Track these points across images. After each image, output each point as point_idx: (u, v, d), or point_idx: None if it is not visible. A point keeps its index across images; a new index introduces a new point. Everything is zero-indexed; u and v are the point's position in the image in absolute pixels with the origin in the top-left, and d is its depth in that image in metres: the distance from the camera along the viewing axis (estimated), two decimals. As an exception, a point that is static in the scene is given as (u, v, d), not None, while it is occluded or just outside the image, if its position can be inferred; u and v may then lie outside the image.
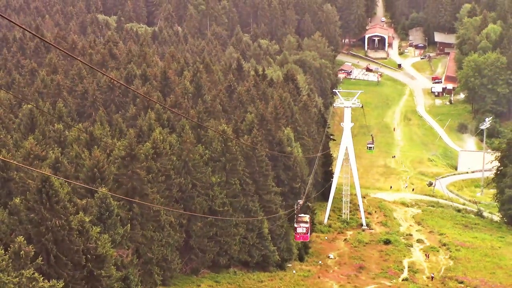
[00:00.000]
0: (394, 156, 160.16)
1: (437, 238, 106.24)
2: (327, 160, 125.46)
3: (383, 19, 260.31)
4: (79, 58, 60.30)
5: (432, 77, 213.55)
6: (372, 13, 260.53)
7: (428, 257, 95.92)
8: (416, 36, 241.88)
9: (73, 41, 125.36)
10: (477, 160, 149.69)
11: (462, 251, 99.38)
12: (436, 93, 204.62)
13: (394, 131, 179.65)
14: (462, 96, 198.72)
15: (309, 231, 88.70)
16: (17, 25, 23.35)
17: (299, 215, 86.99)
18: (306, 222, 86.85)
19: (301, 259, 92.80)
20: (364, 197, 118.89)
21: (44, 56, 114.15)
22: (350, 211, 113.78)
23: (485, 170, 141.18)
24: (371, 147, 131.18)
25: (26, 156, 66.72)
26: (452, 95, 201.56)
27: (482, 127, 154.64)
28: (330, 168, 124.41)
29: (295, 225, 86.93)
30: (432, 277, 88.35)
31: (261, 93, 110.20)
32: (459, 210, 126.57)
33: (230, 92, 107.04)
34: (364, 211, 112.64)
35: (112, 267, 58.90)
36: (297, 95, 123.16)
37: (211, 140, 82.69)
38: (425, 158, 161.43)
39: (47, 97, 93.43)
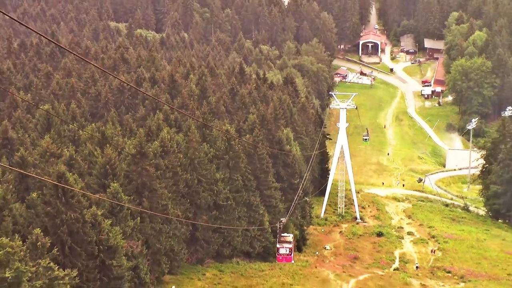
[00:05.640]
0: (389, 154, 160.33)
1: (426, 231, 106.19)
2: (324, 158, 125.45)
3: (376, 26, 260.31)
4: (92, 62, 60.23)
5: (422, 81, 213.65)
6: (366, 21, 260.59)
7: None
8: (407, 42, 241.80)
9: (86, 47, 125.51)
10: (464, 158, 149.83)
11: (450, 243, 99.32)
12: (426, 96, 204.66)
13: (386, 129, 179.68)
14: (450, 98, 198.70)
15: (293, 251, 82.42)
16: (37, 32, 23.47)
17: (282, 234, 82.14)
18: (289, 242, 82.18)
19: (299, 250, 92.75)
20: (358, 193, 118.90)
21: (59, 60, 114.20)
22: (345, 206, 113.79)
23: (471, 168, 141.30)
24: (366, 139, 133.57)
25: (42, 154, 66.86)
26: (441, 97, 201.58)
27: (468, 127, 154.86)
28: (327, 165, 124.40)
29: (278, 245, 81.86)
30: (417, 267, 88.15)
31: (262, 95, 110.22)
32: (447, 205, 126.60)
33: (233, 94, 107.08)
34: (358, 206, 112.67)
35: (123, 257, 59.04)
36: (295, 97, 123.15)
37: (216, 139, 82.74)
38: (415, 156, 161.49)
39: (62, 99, 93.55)
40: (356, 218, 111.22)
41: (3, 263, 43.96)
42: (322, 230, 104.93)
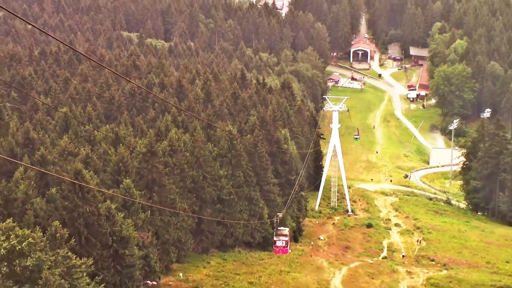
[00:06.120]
0: (377, 152, 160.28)
1: (412, 223, 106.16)
2: (318, 156, 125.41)
3: (366, 35, 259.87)
4: (107, 67, 59.96)
5: (408, 85, 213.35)
6: (357, 31, 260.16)
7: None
8: (394, 50, 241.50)
9: (101, 55, 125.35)
10: (446, 156, 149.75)
11: (433, 234, 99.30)
12: (411, 99, 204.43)
13: (375, 129, 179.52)
14: (433, 101, 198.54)
15: (289, 244, 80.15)
16: (57, 39, 23.45)
17: (279, 228, 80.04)
18: (285, 236, 79.67)
19: (296, 240, 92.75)
20: (349, 188, 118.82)
21: (77, 67, 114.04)
22: (338, 199, 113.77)
23: (453, 165, 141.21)
24: (357, 138, 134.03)
25: (61, 153, 66.83)
26: (425, 100, 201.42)
27: (450, 128, 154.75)
28: (321, 163, 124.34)
29: (275, 238, 79.41)
30: (403, 256, 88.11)
31: (262, 99, 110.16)
32: (430, 199, 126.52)
33: (235, 98, 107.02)
34: (350, 199, 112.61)
35: (135, 247, 59.03)
36: (292, 100, 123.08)
37: (219, 138, 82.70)
38: (402, 154, 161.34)
39: (79, 102, 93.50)
40: (347, 211, 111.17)
41: (25, 252, 43.97)
42: (317, 222, 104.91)
